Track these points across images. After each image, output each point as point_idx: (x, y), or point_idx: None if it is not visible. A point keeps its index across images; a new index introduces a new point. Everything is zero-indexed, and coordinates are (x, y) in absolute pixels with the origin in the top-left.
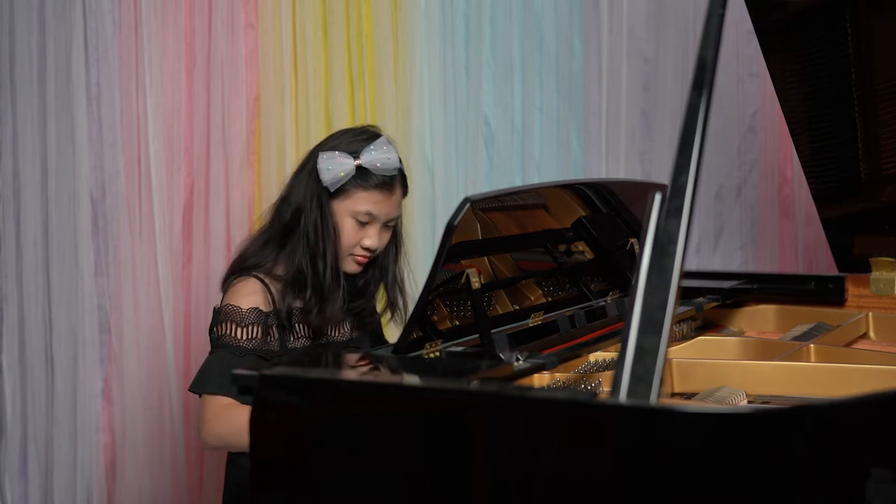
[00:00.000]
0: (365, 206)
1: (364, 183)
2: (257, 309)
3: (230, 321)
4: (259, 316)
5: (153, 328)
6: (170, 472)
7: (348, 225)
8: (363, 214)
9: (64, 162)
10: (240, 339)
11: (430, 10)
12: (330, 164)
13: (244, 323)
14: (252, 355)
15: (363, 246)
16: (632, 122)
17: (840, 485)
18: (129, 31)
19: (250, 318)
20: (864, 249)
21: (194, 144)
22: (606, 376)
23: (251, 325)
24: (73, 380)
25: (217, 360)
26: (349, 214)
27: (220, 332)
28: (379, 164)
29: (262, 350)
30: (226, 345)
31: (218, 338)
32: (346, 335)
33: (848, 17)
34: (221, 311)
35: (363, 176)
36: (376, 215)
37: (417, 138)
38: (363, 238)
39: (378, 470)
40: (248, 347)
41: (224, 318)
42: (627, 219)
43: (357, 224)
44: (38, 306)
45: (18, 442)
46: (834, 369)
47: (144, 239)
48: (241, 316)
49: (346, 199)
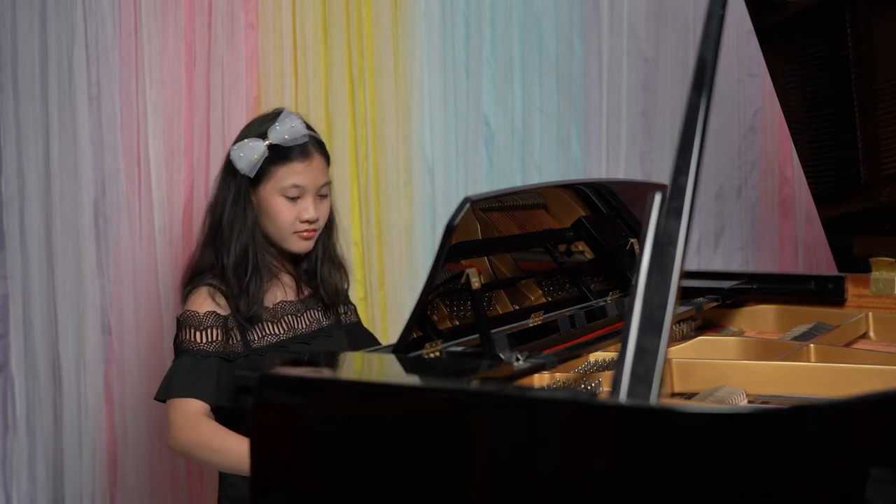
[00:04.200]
0: (289, 180)
1: (281, 159)
2: (214, 313)
3: (189, 326)
4: (217, 319)
5: (153, 328)
6: (170, 471)
7: (281, 204)
8: (290, 189)
9: (66, 162)
10: (200, 343)
11: (430, 10)
12: (241, 151)
13: (202, 326)
14: (214, 357)
15: (302, 220)
16: (632, 123)
17: (840, 485)
18: (129, 31)
19: (208, 322)
20: (864, 249)
21: (194, 144)
22: (606, 376)
23: (210, 328)
24: (78, 380)
25: (180, 365)
26: (278, 193)
27: (182, 339)
28: (287, 136)
29: (225, 352)
30: (187, 350)
31: (179, 343)
32: (314, 324)
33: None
34: (181, 319)
35: (277, 153)
36: (303, 186)
37: (417, 138)
38: (300, 212)
39: (378, 470)
40: (210, 350)
41: (184, 324)
42: (627, 219)
43: (288, 200)
44: (44, 307)
45: (26, 443)
46: (834, 369)
47: (144, 239)
48: (198, 320)
49: (269, 180)
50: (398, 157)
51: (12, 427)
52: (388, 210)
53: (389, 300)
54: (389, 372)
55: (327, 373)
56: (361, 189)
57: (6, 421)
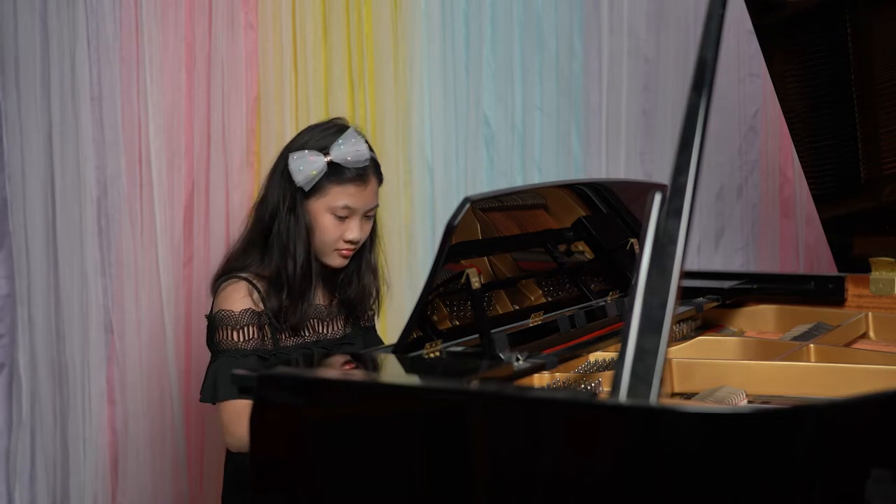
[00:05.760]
0: (342, 201)
1: (337, 178)
2: (250, 310)
3: (226, 326)
4: (253, 316)
5: (154, 328)
6: (171, 470)
7: (328, 221)
8: (341, 209)
9: (68, 162)
10: (238, 342)
11: (430, 10)
12: (301, 164)
13: (239, 325)
14: (253, 356)
15: (346, 239)
16: (632, 122)
17: (840, 485)
18: (130, 31)
19: (245, 320)
20: (863, 249)
21: (194, 144)
22: (606, 376)
23: (247, 326)
24: (80, 379)
25: (221, 367)
26: (327, 211)
27: (219, 339)
28: (349, 158)
29: (261, 350)
30: (225, 350)
31: (217, 344)
32: (339, 332)
33: (848, 17)
34: (216, 318)
35: (335, 171)
36: (354, 208)
37: (417, 138)
38: (345, 232)
39: (378, 470)
40: (248, 349)
41: (220, 323)
42: (627, 219)
43: (336, 219)
44: (46, 307)
45: (29, 442)
46: (834, 369)
47: (145, 239)
48: (235, 319)
49: (322, 196)
50: (398, 157)
51: (17, 426)
52: (388, 210)
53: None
54: (389, 372)
55: (327, 373)
56: None
57: (11, 420)
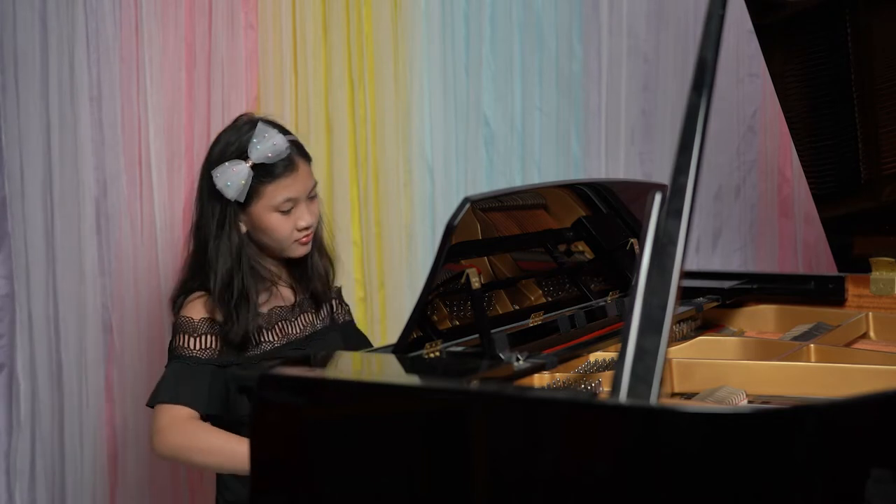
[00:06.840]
0: (281, 196)
1: (268, 177)
2: (210, 318)
3: (183, 332)
4: (212, 326)
5: (154, 327)
6: (170, 470)
7: (275, 219)
8: (284, 203)
9: (67, 162)
10: (193, 350)
11: (430, 10)
12: (226, 178)
13: (197, 333)
14: (208, 365)
15: (299, 228)
16: (632, 122)
17: (840, 485)
18: (130, 31)
19: (203, 329)
20: (864, 249)
21: (194, 144)
22: (606, 376)
23: (204, 335)
24: (79, 379)
25: (171, 372)
26: (271, 210)
27: (175, 344)
28: (270, 154)
29: (219, 360)
30: (180, 356)
31: (173, 349)
32: (307, 328)
33: (848, 17)
34: (175, 324)
35: (262, 171)
36: (296, 197)
37: (417, 138)
38: (296, 221)
39: (378, 470)
40: (203, 357)
41: (178, 329)
42: (627, 219)
43: (282, 214)
44: (45, 307)
45: (28, 442)
46: (834, 369)
47: (145, 238)
48: (193, 326)
49: (259, 199)
50: (398, 157)
51: (17, 426)
52: (388, 210)
53: (389, 300)
54: (389, 372)
55: (327, 373)
56: (361, 189)
57: (10, 420)
